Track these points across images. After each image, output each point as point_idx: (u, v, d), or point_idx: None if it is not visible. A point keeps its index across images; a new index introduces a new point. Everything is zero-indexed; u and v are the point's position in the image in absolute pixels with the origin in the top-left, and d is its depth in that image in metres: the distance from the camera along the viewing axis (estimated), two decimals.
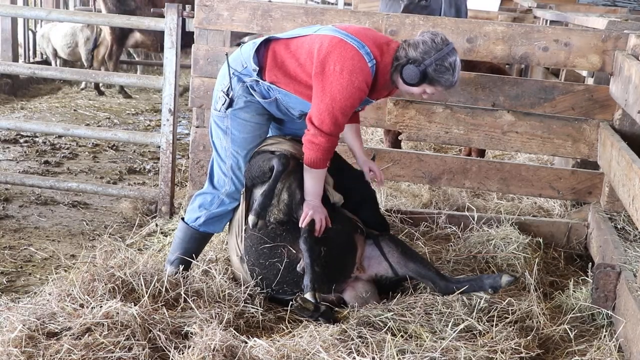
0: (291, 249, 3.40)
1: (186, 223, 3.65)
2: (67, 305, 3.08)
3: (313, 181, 3.39)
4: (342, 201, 3.66)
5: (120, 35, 9.24)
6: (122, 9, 8.78)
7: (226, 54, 3.61)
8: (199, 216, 3.62)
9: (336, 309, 3.35)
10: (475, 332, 3.19)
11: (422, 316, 3.25)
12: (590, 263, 4.02)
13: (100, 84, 9.51)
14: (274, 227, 3.43)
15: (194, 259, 3.62)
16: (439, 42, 3.29)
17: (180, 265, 3.58)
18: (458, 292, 3.39)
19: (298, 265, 3.37)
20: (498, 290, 3.39)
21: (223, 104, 3.51)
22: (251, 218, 3.32)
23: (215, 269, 3.54)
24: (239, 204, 3.59)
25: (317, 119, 3.29)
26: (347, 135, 3.77)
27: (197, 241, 3.68)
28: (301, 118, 3.55)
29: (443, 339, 3.02)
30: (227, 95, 3.50)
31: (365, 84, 3.30)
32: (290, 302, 3.30)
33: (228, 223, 3.72)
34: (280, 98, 3.46)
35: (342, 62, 3.25)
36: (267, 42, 3.49)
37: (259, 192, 3.44)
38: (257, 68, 3.43)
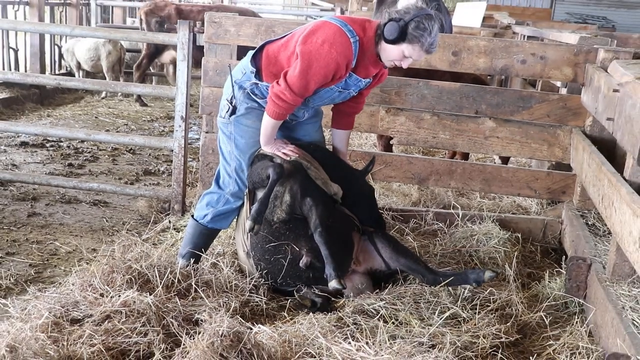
0: (294, 246, 3.39)
1: (196, 220, 3.65)
2: (89, 295, 3.08)
3: (270, 129, 3.38)
4: (340, 192, 3.58)
5: (154, 51, 9.23)
6: (163, 31, 8.77)
7: (229, 66, 3.61)
8: (207, 214, 3.62)
9: (333, 298, 3.35)
10: (459, 319, 3.20)
11: (412, 305, 3.25)
12: (564, 256, 4.03)
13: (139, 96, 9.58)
14: (278, 227, 3.41)
15: (203, 253, 3.62)
16: (420, 5, 3.32)
17: (191, 259, 3.58)
18: (444, 283, 3.39)
19: (301, 262, 3.36)
20: (481, 284, 3.38)
21: (227, 112, 3.52)
22: (248, 223, 3.27)
23: (223, 262, 3.55)
24: (243, 203, 3.58)
25: (290, 78, 3.25)
26: (335, 138, 3.74)
27: (205, 236, 3.67)
28: (304, 115, 3.57)
29: (430, 325, 3.03)
30: (231, 103, 3.50)
31: (344, 57, 3.24)
32: (294, 300, 3.35)
33: (235, 220, 3.72)
34: None
35: (324, 36, 3.23)
36: (262, 47, 3.49)
37: (260, 195, 3.42)
38: (254, 69, 3.44)
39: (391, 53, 3.29)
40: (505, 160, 5.54)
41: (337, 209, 3.59)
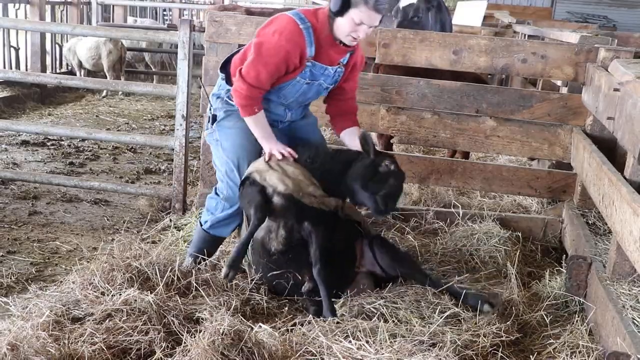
0: (297, 274, 3.35)
1: (200, 224, 3.65)
2: (90, 293, 3.08)
3: (254, 127, 3.34)
4: (340, 203, 3.43)
5: None
6: None
7: (201, 86, 3.63)
8: (207, 220, 3.61)
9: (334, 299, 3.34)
10: (460, 318, 3.20)
11: (412, 303, 3.25)
12: (564, 255, 4.02)
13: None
14: (277, 257, 3.35)
15: (206, 257, 3.57)
16: None
17: (196, 260, 3.56)
18: (444, 287, 3.38)
19: (303, 287, 3.34)
20: (475, 310, 3.26)
21: (209, 122, 3.58)
22: (223, 271, 3.22)
23: (223, 261, 3.54)
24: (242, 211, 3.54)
25: (244, 69, 3.29)
26: (346, 140, 3.69)
27: (207, 242, 3.63)
28: (287, 114, 3.57)
29: (431, 324, 3.02)
30: (211, 113, 3.56)
31: (294, 44, 3.24)
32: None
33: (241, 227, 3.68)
34: None
35: (275, 27, 3.28)
36: (231, 56, 3.56)
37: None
38: (224, 75, 3.51)
39: (343, 26, 3.26)
40: (465, 155, 5.50)
41: (340, 218, 3.45)
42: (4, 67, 9.05)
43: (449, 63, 4.36)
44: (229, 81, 3.49)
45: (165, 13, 14.39)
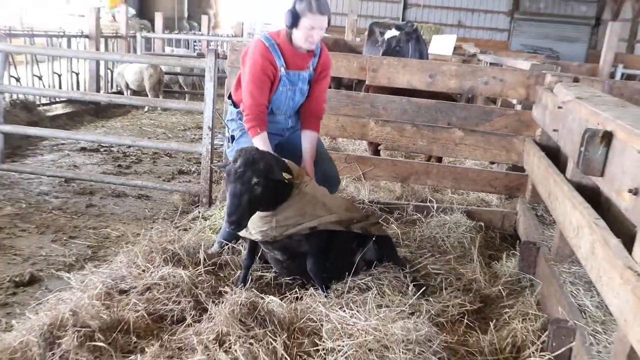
0: (303, 279, 3.22)
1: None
2: (134, 270, 3.09)
3: (259, 144, 3.18)
4: (344, 215, 3.13)
5: None
6: None
7: (216, 111, 3.60)
8: None
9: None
10: (434, 292, 3.21)
11: (392, 281, 3.24)
12: (518, 241, 4.04)
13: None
14: (286, 264, 3.20)
15: (229, 243, 3.54)
16: None
17: (221, 245, 3.55)
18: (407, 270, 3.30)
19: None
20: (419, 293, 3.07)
21: (229, 141, 3.56)
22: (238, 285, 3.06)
23: (243, 246, 3.54)
24: None
25: (243, 96, 3.29)
26: (302, 138, 3.49)
27: (229, 233, 3.54)
28: (289, 122, 3.52)
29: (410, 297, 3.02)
30: (229, 134, 3.55)
31: (264, 57, 3.23)
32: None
33: None
34: None
35: (252, 49, 3.30)
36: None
37: None
38: (230, 100, 3.54)
39: (299, 34, 3.25)
40: (439, 159, 5.46)
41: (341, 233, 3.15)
42: (67, 89, 9.05)
43: (426, 85, 4.37)
44: (235, 104, 3.51)
45: (195, 44, 14.38)
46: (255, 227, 2.99)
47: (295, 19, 3.19)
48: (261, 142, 3.22)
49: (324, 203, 3.07)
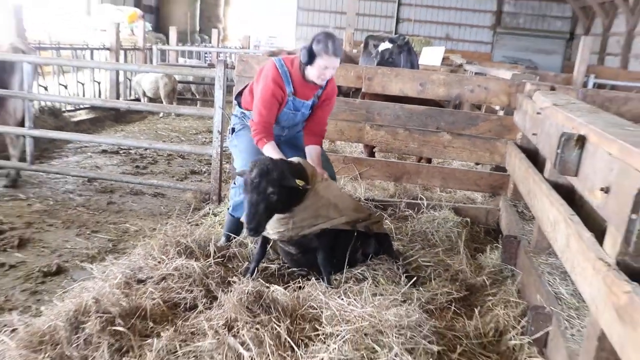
0: (312, 272, 3.22)
1: (228, 209, 3.66)
2: (150, 262, 3.10)
3: (270, 152, 3.18)
4: (353, 215, 3.11)
5: None
6: None
7: (224, 111, 3.64)
8: (230, 205, 3.61)
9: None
10: (424, 281, 3.22)
11: (386, 272, 3.25)
12: (501, 235, 4.04)
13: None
14: (298, 258, 3.17)
15: (233, 236, 3.54)
16: (319, 32, 3.24)
17: (228, 239, 3.56)
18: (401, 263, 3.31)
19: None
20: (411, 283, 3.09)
21: (230, 133, 3.60)
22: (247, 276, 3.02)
23: (249, 239, 3.54)
24: None
25: (253, 114, 3.31)
26: (306, 151, 3.48)
27: (232, 223, 3.57)
28: (284, 132, 3.54)
29: (403, 287, 3.03)
30: (232, 128, 3.59)
31: (275, 83, 3.23)
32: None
33: None
34: None
35: (265, 72, 3.28)
36: (241, 92, 3.63)
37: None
38: (237, 102, 3.58)
39: (313, 71, 3.24)
40: (428, 160, 5.46)
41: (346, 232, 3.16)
42: (90, 96, 9.07)
43: (417, 92, 4.38)
44: (240, 105, 3.57)
45: (206, 55, 14.38)
46: (273, 228, 2.97)
47: (311, 57, 3.18)
48: (271, 149, 3.22)
49: (336, 205, 3.07)
